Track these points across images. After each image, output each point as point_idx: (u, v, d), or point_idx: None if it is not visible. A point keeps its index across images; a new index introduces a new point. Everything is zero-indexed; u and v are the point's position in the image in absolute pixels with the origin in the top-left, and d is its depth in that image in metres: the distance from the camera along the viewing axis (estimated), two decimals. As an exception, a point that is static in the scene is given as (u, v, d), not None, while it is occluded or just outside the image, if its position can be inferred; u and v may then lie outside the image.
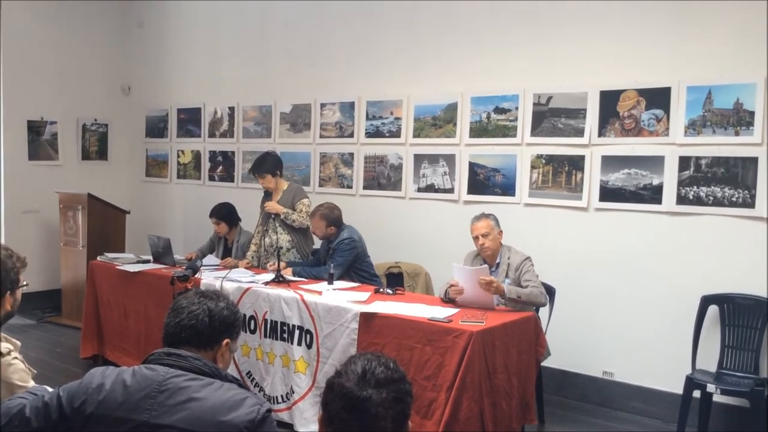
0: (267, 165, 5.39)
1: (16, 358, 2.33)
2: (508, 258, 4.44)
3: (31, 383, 2.30)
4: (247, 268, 5.35)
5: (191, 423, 1.81)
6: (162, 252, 5.65)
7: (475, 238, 4.47)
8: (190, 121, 7.69)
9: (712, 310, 4.52)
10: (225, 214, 5.85)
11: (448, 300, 4.27)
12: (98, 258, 5.95)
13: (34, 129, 7.52)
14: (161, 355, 1.96)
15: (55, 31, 7.59)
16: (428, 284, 5.47)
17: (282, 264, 4.93)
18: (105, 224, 7.04)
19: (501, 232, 4.50)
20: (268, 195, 5.48)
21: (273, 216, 5.39)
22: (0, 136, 7.30)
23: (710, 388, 4.20)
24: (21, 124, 7.41)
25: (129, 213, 7.29)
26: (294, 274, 5.01)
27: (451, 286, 4.25)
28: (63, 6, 7.61)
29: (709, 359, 4.49)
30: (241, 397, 1.87)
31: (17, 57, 7.30)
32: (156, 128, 8.05)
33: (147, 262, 5.74)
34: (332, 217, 5.15)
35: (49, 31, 7.54)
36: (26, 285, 2.53)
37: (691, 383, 4.30)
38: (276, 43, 6.85)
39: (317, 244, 5.59)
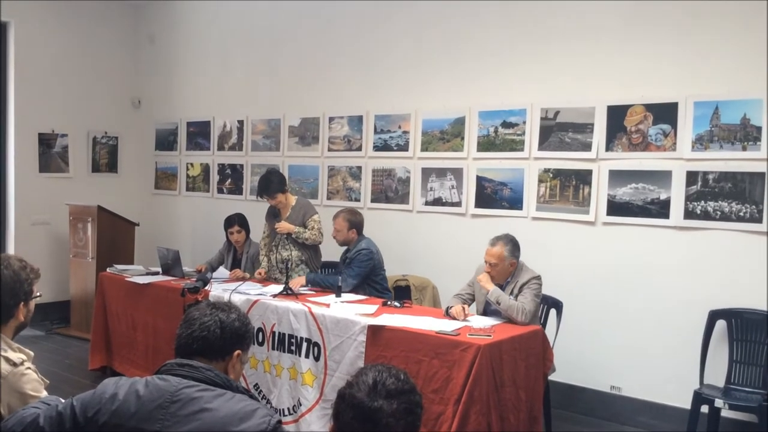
0: (274, 185, 5.39)
1: (29, 368, 2.34)
2: (518, 277, 4.34)
3: (44, 393, 2.32)
4: (259, 278, 5.37)
5: (203, 433, 1.83)
6: (171, 264, 5.68)
7: (486, 260, 4.44)
8: (199, 134, 7.75)
9: (720, 324, 4.52)
10: (245, 222, 5.90)
11: (448, 314, 4.28)
12: (107, 270, 5.99)
13: (45, 141, 7.59)
14: (174, 365, 1.99)
15: (67, 46, 7.67)
16: (435, 297, 5.48)
17: (298, 280, 4.98)
18: (114, 236, 7.08)
19: (513, 263, 4.33)
20: (273, 208, 5.51)
21: (284, 233, 5.41)
22: (11, 149, 7.37)
23: (718, 403, 4.20)
24: (32, 137, 7.48)
25: (138, 225, 7.34)
26: (308, 282, 5.03)
27: (452, 307, 4.28)
28: (74, 21, 7.70)
29: (717, 374, 4.48)
30: (252, 408, 1.89)
31: (29, 71, 7.38)
32: (165, 141, 8.11)
33: (156, 274, 5.77)
34: (355, 221, 5.19)
35: (60, 46, 7.62)
36: (39, 296, 2.56)
37: (699, 398, 4.29)
38: (285, 57, 6.91)
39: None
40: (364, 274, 5.04)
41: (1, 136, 7.38)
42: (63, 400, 2.05)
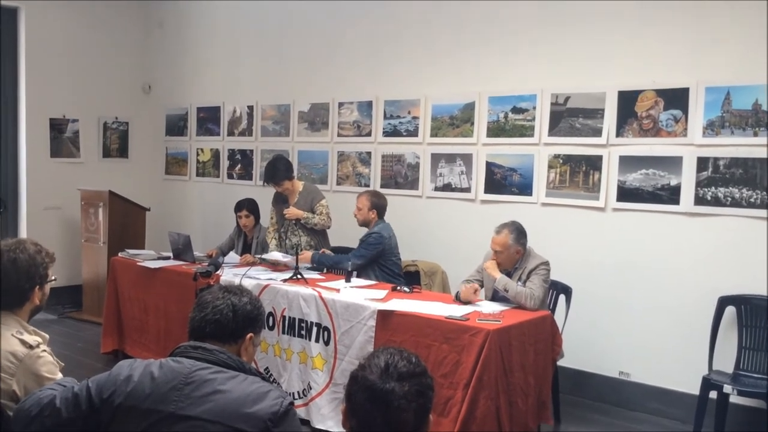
0: (281, 172, 5.41)
1: (45, 350, 2.38)
2: (526, 263, 4.35)
3: (59, 375, 2.36)
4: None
5: (216, 414, 1.85)
6: (182, 249, 5.72)
7: (492, 248, 4.44)
8: (209, 119, 7.76)
9: (730, 311, 4.52)
10: (254, 207, 5.94)
11: (459, 300, 4.30)
12: (119, 254, 6.03)
13: (57, 127, 7.63)
14: (187, 348, 2.01)
15: (78, 32, 7.69)
16: (445, 283, 5.49)
17: (306, 254, 5.05)
18: (126, 221, 7.13)
19: (519, 250, 4.34)
20: (280, 194, 5.53)
21: (293, 219, 5.43)
22: (23, 134, 7.42)
23: (727, 389, 4.20)
24: (43, 122, 7.51)
25: (149, 210, 7.38)
26: (313, 261, 5.06)
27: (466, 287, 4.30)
28: (85, 7, 7.71)
29: (726, 360, 4.48)
30: (264, 389, 1.91)
31: (40, 57, 7.41)
32: (176, 127, 8.14)
33: (167, 258, 5.80)
34: (378, 203, 5.23)
35: (71, 32, 7.64)
36: (54, 280, 2.60)
37: (707, 384, 4.30)
38: (295, 42, 6.90)
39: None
40: (370, 257, 5.06)
41: (12, 121, 7.42)
42: (78, 382, 2.08)
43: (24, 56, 7.33)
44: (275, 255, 5.24)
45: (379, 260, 5.12)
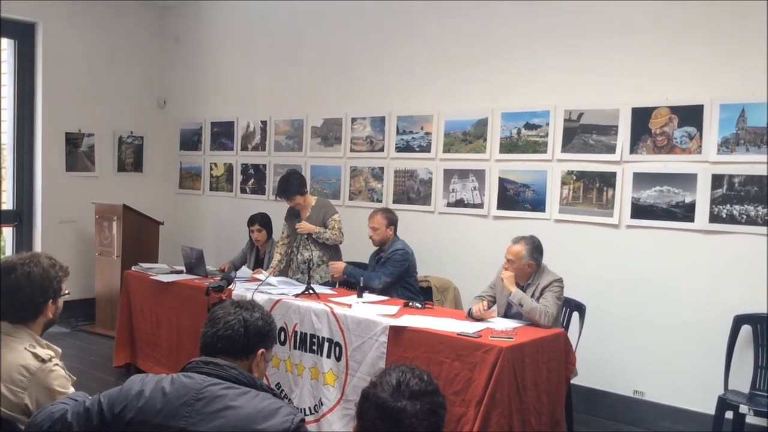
0: (293, 187, 5.44)
1: (57, 364, 2.39)
2: (539, 279, 4.33)
3: (71, 389, 2.36)
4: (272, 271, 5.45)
5: (227, 431, 1.85)
6: (195, 263, 5.73)
7: (505, 257, 4.45)
8: (223, 134, 7.81)
9: (745, 329, 4.47)
10: (267, 221, 5.97)
11: (471, 317, 4.28)
12: (132, 268, 6.05)
13: (72, 141, 7.69)
14: (199, 363, 2.01)
15: (94, 47, 7.77)
16: (457, 299, 5.47)
17: (338, 265, 5.13)
18: (139, 235, 7.16)
19: (531, 264, 4.32)
20: (294, 209, 5.54)
21: (305, 234, 5.44)
22: (39, 148, 7.48)
23: (743, 409, 4.14)
24: (59, 136, 7.58)
25: (163, 224, 7.41)
26: (345, 272, 5.07)
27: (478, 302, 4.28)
28: (102, 22, 7.80)
29: (742, 379, 4.43)
30: (276, 406, 1.91)
31: (57, 71, 7.48)
32: (190, 141, 8.19)
33: (180, 272, 5.82)
34: (393, 219, 5.25)
35: (87, 47, 7.71)
36: (68, 294, 2.61)
37: (723, 404, 4.24)
38: (308, 58, 6.94)
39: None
40: (398, 274, 5.07)
41: (29, 135, 7.49)
42: (90, 397, 2.08)
43: (41, 71, 7.41)
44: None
45: (404, 277, 5.12)
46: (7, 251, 7.54)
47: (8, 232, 7.55)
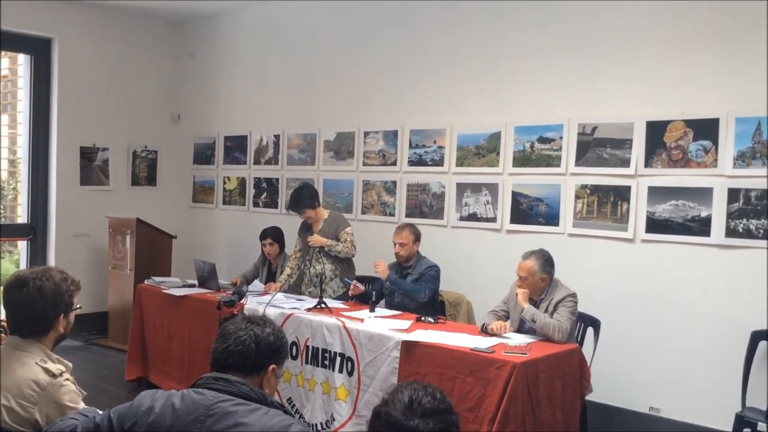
0: (305, 200, 5.44)
1: (67, 379, 2.38)
2: (553, 294, 4.29)
3: (82, 405, 2.35)
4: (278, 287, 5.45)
5: (238, 448, 1.83)
6: (207, 277, 5.74)
7: (516, 273, 4.40)
8: (236, 148, 7.84)
9: (763, 345, 4.40)
10: (279, 235, 5.97)
11: (485, 332, 4.24)
12: (145, 282, 6.06)
13: (87, 155, 7.74)
14: (209, 379, 2.00)
15: (109, 62, 7.84)
16: (470, 314, 5.43)
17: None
18: (152, 248, 7.18)
19: (544, 278, 4.28)
20: (307, 222, 5.54)
21: (317, 247, 5.43)
22: (54, 162, 7.54)
23: (761, 426, 4.08)
24: (74, 150, 7.63)
25: (176, 238, 7.43)
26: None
27: (488, 324, 4.25)
28: (117, 37, 7.87)
29: (760, 396, 4.35)
30: (286, 423, 1.88)
31: (72, 86, 7.55)
32: (203, 155, 8.22)
33: (192, 286, 5.82)
34: (419, 234, 5.25)
35: (102, 62, 7.79)
36: (80, 308, 2.61)
37: (741, 421, 4.17)
38: (321, 72, 6.96)
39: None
40: (435, 290, 5.09)
41: (44, 149, 7.55)
42: (100, 412, 2.07)
43: (56, 86, 7.48)
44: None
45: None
46: (21, 264, 7.59)
47: (23, 245, 7.60)
